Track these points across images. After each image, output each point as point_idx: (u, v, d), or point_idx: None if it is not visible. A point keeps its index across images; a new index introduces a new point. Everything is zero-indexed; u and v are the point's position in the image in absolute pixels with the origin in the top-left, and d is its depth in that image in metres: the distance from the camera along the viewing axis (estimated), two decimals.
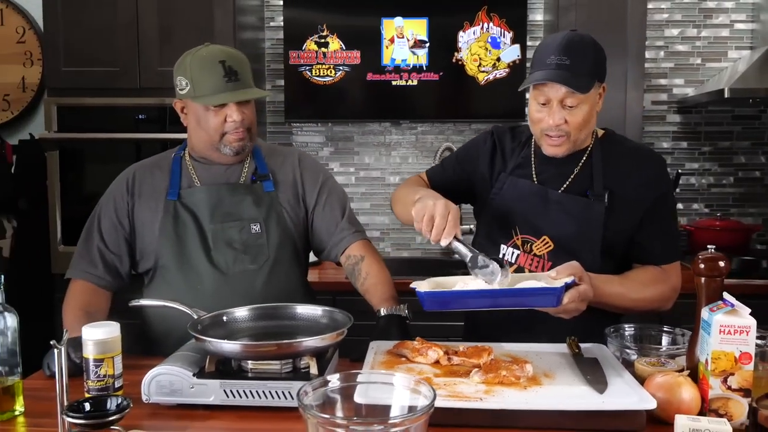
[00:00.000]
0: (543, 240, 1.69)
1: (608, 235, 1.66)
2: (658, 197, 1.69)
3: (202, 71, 1.68)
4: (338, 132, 3.45)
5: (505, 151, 1.81)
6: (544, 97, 1.60)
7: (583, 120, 1.61)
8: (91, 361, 1.32)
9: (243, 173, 1.81)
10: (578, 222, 1.66)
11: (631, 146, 1.77)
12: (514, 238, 1.72)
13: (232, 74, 1.68)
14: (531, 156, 1.76)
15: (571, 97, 1.57)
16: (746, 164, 3.39)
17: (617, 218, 1.66)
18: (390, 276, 1.79)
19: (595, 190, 1.67)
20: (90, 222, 1.81)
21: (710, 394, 1.24)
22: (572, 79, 1.55)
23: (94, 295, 1.74)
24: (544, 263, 1.68)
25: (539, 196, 1.71)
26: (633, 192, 1.67)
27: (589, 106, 1.61)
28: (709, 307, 1.28)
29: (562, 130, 1.61)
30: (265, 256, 1.75)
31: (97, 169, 2.92)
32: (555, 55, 1.57)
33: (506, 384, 1.31)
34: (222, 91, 1.67)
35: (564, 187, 1.70)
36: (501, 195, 1.76)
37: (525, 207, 1.72)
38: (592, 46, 1.61)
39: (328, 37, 3.29)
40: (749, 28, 3.31)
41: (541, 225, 1.70)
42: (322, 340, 1.34)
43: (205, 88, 1.68)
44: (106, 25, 2.84)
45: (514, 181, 1.75)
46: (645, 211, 1.68)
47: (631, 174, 1.68)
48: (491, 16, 3.27)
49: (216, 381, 1.32)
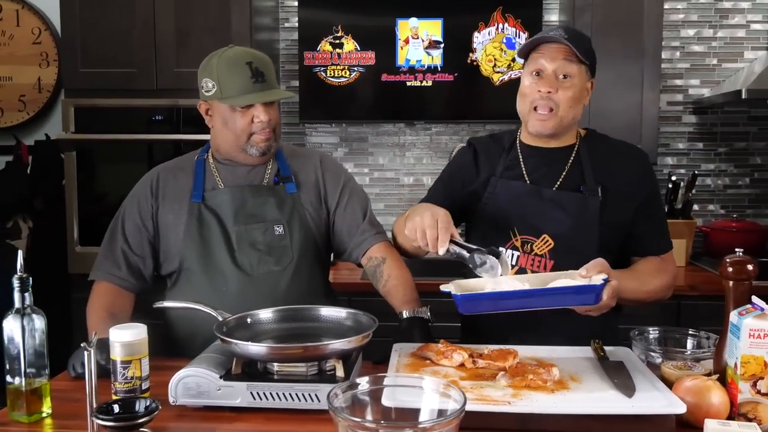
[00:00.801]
0: (543, 239, 1.69)
1: (604, 230, 1.68)
2: (650, 192, 1.74)
3: (229, 72, 1.69)
4: (352, 133, 3.45)
5: (490, 155, 1.82)
6: (539, 66, 1.64)
7: (572, 96, 1.65)
8: (118, 363, 1.32)
9: (266, 175, 1.81)
10: (576, 218, 1.68)
11: (615, 143, 1.80)
12: (512, 240, 1.72)
13: (258, 75, 1.69)
14: (519, 157, 1.78)
15: (566, 68, 1.63)
16: (762, 165, 3.37)
17: (611, 212, 1.68)
18: (412, 278, 1.79)
19: (587, 185, 1.69)
20: (114, 223, 1.82)
21: (739, 398, 1.24)
22: (570, 41, 1.62)
23: (118, 297, 1.75)
24: (546, 262, 1.68)
25: (534, 196, 1.72)
26: (624, 187, 1.70)
27: (579, 85, 1.66)
28: (738, 310, 1.28)
29: (552, 100, 1.64)
30: (288, 258, 1.76)
31: (113, 169, 2.93)
32: (554, 32, 1.65)
33: (533, 388, 1.30)
34: (249, 92, 1.68)
35: (557, 185, 1.72)
36: (494, 198, 1.76)
37: (521, 207, 1.72)
38: (588, 39, 1.69)
39: (343, 38, 3.28)
40: (765, 29, 3.29)
41: (539, 224, 1.70)
42: (349, 343, 1.34)
43: (233, 89, 1.68)
44: (123, 26, 2.85)
45: (505, 183, 1.76)
46: (638, 206, 1.71)
47: (620, 169, 1.72)
48: (506, 16, 3.26)
49: (243, 383, 1.32)
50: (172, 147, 2.87)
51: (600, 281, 1.41)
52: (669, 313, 2.73)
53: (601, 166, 1.72)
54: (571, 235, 1.67)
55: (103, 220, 2.90)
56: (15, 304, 1.30)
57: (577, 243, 1.66)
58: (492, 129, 3.37)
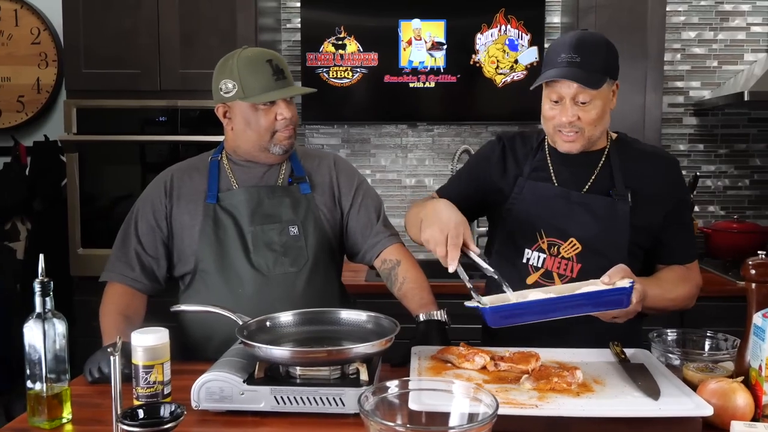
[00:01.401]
0: (570, 242, 1.69)
1: (632, 235, 1.67)
2: (680, 199, 1.73)
3: (250, 71, 1.69)
4: (354, 134, 3.44)
5: (518, 155, 1.80)
6: (557, 94, 1.61)
7: (596, 116, 1.62)
8: (140, 368, 1.31)
9: (280, 176, 1.81)
10: (604, 222, 1.67)
11: (645, 148, 1.79)
12: (539, 242, 1.72)
13: (279, 72, 1.70)
14: (547, 159, 1.77)
15: (583, 93, 1.59)
16: (762, 167, 3.40)
17: (640, 217, 1.68)
18: (427, 280, 1.79)
19: (617, 190, 1.68)
20: (126, 224, 1.80)
21: (764, 400, 1.24)
22: (583, 76, 1.57)
23: (131, 299, 1.74)
24: (573, 265, 1.68)
25: (563, 198, 1.71)
26: (654, 193, 1.69)
27: (601, 102, 1.62)
28: (762, 312, 1.28)
29: (576, 126, 1.63)
30: (304, 258, 1.75)
31: (116, 171, 2.91)
32: (566, 53, 1.59)
33: (558, 391, 1.30)
34: (272, 89, 1.69)
35: (586, 189, 1.71)
36: (521, 199, 1.75)
37: (549, 210, 1.72)
38: (603, 44, 1.63)
39: (346, 39, 3.28)
40: (765, 31, 3.32)
41: (567, 227, 1.70)
42: (373, 347, 1.33)
43: (256, 87, 1.68)
44: (127, 27, 2.83)
45: (533, 185, 1.75)
46: (668, 213, 1.70)
47: (650, 175, 1.71)
48: (509, 18, 3.27)
49: (266, 387, 1.31)
50: (176, 149, 2.86)
51: (627, 283, 1.41)
52: (673, 315, 2.74)
53: (631, 170, 1.70)
54: (599, 239, 1.66)
55: (106, 222, 2.92)
56: (36, 309, 1.29)
57: (605, 247, 1.65)
58: (494, 131, 3.38)
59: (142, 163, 2.90)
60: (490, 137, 3.38)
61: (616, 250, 1.64)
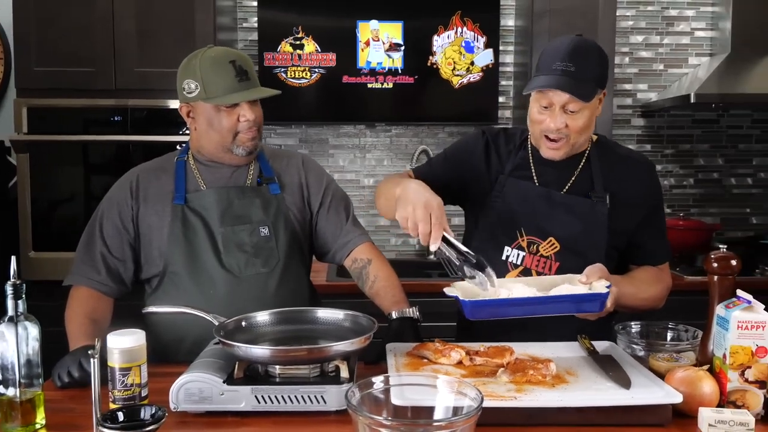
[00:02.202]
0: (549, 241, 1.73)
1: (610, 236, 1.71)
2: (656, 202, 1.78)
3: (213, 72, 1.67)
4: (312, 134, 3.44)
5: (500, 152, 1.82)
6: (547, 101, 1.63)
7: (583, 125, 1.65)
8: (117, 370, 1.28)
9: (248, 176, 1.80)
10: (584, 223, 1.71)
11: (623, 152, 1.82)
12: (518, 240, 1.75)
13: (243, 74, 1.68)
14: (529, 158, 1.79)
15: (574, 102, 1.60)
16: (705, 166, 3.54)
17: (617, 220, 1.72)
18: (398, 279, 1.81)
19: (596, 192, 1.72)
20: (91, 227, 1.76)
21: (729, 386, 1.30)
22: (576, 87, 1.59)
23: (98, 302, 1.70)
24: (552, 263, 1.72)
25: (543, 198, 1.74)
26: (631, 196, 1.73)
27: (590, 111, 1.64)
28: (724, 303, 1.35)
29: (563, 133, 1.65)
30: (275, 259, 1.75)
31: (69, 172, 2.82)
32: (561, 61, 1.60)
33: (534, 383, 1.34)
34: (235, 91, 1.67)
35: (566, 189, 1.75)
36: (503, 197, 1.77)
37: (529, 208, 1.75)
38: (597, 54, 1.65)
39: (304, 39, 3.27)
40: (708, 36, 3.46)
41: (546, 226, 1.73)
42: (353, 344, 1.34)
43: (218, 88, 1.66)
44: (81, 23, 2.75)
45: (514, 183, 1.77)
46: (644, 216, 1.74)
47: (627, 179, 1.74)
48: (465, 20, 3.32)
49: (247, 387, 1.31)
50: (132, 149, 2.80)
51: (604, 289, 1.45)
52: None
53: (610, 173, 1.74)
54: (577, 239, 1.70)
55: (58, 225, 2.84)
56: (8, 312, 1.25)
57: (583, 247, 1.69)
58: (451, 131, 3.43)
59: (97, 163, 2.83)
60: (447, 138, 3.44)
61: (594, 250, 1.68)
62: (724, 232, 3.53)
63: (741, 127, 3.52)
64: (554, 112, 1.63)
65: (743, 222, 3.57)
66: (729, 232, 3.54)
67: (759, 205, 3.56)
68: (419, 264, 3.31)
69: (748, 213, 3.56)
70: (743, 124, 3.52)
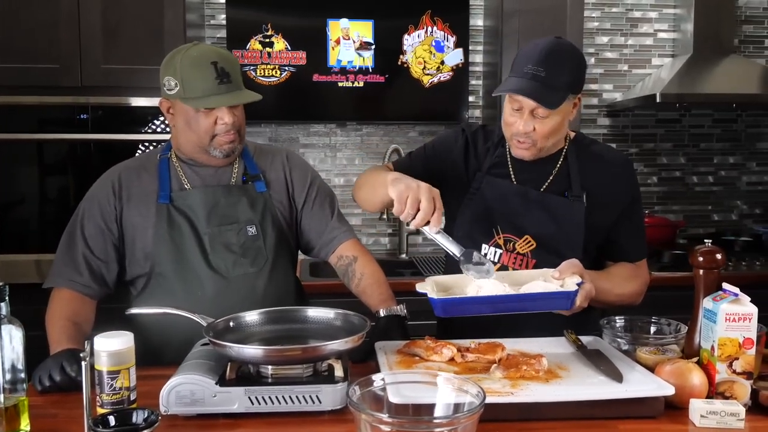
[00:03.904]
0: (525, 239, 1.74)
1: (587, 234, 1.73)
2: (632, 199, 1.78)
3: (192, 72, 1.63)
4: (282, 133, 3.40)
5: (478, 149, 1.82)
6: (518, 104, 1.62)
7: (550, 130, 1.64)
8: (105, 374, 1.24)
9: (233, 174, 1.77)
10: (560, 221, 1.72)
11: (600, 149, 1.83)
12: (495, 238, 1.76)
13: (224, 76, 1.64)
14: (507, 156, 1.80)
15: (542, 108, 1.59)
16: (668, 164, 3.63)
17: (594, 217, 1.73)
18: (384, 276, 1.80)
19: (573, 191, 1.73)
20: (72, 227, 1.71)
21: (717, 378, 1.33)
22: (543, 93, 1.57)
23: (80, 305, 1.65)
24: (528, 261, 1.73)
25: (520, 196, 1.75)
26: (608, 193, 1.74)
27: (560, 117, 1.63)
28: (711, 297, 1.37)
29: (530, 137, 1.65)
30: (264, 258, 1.72)
31: (33, 171, 2.73)
32: (533, 65, 1.58)
33: (528, 378, 1.35)
34: (214, 94, 1.63)
35: (544, 188, 1.75)
36: (480, 194, 1.78)
37: (506, 206, 1.75)
38: (572, 58, 1.62)
39: (273, 37, 3.24)
40: (671, 37, 3.54)
41: (523, 224, 1.74)
42: (346, 343, 1.33)
43: (196, 89, 1.62)
44: (45, 18, 2.66)
45: (492, 180, 1.78)
46: (621, 212, 1.75)
47: (605, 176, 1.75)
48: (435, 20, 3.33)
49: (240, 388, 1.28)
50: (106, 147, 2.73)
51: (574, 286, 1.46)
52: None
53: (587, 170, 1.74)
54: (554, 237, 1.71)
55: (21, 226, 2.75)
56: None
57: (560, 245, 1.70)
58: (422, 130, 3.44)
59: (62, 163, 2.75)
60: (418, 137, 3.45)
61: (570, 248, 1.69)
62: (687, 228, 3.61)
63: (702, 126, 3.61)
64: (524, 116, 1.62)
65: (705, 219, 3.66)
66: (691, 229, 3.63)
67: (720, 202, 3.66)
68: (391, 263, 3.30)
69: (710, 210, 3.66)
70: (704, 124, 3.61)
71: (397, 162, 1.89)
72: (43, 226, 2.76)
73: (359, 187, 1.80)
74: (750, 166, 3.66)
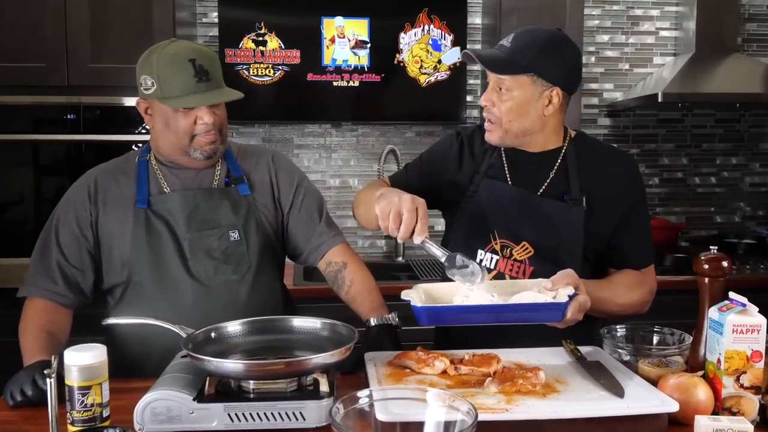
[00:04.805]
0: (523, 245, 1.66)
1: (587, 240, 1.65)
2: (635, 202, 1.69)
3: (170, 70, 1.56)
4: (276, 134, 3.33)
5: (475, 151, 1.75)
6: (492, 82, 1.61)
7: (509, 108, 1.58)
8: (75, 389, 1.17)
9: (216, 177, 1.69)
10: (559, 226, 1.64)
11: (604, 149, 1.75)
12: (492, 243, 1.68)
13: (203, 74, 1.57)
14: (503, 158, 1.73)
15: (502, 81, 1.57)
16: (670, 165, 3.56)
17: (595, 222, 1.65)
18: (375, 282, 1.73)
19: (572, 194, 1.65)
20: (46, 234, 1.64)
21: (724, 393, 1.26)
22: (494, 59, 1.57)
23: (55, 314, 1.58)
24: (525, 268, 1.66)
25: (517, 200, 1.67)
26: (610, 195, 1.66)
27: (520, 95, 1.57)
28: (717, 306, 1.30)
29: (491, 113, 1.62)
30: (246, 265, 1.65)
31: (17, 173, 2.67)
32: (506, 40, 1.59)
33: (524, 393, 1.27)
34: (192, 92, 1.56)
35: (541, 191, 1.68)
36: (476, 198, 1.71)
37: (503, 211, 1.68)
38: (545, 43, 1.56)
39: (267, 35, 3.17)
40: (673, 36, 3.47)
41: (520, 230, 1.66)
42: (332, 356, 1.25)
43: (174, 88, 1.55)
44: (31, 17, 2.60)
45: (489, 183, 1.71)
46: (622, 216, 1.67)
47: (607, 177, 1.67)
48: (432, 18, 3.26)
49: (219, 404, 1.21)
50: (86, 148, 2.66)
51: (566, 297, 1.38)
52: None
53: (588, 171, 1.66)
54: (551, 243, 1.63)
55: (5, 229, 2.68)
56: None
57: (558, 252, 1.62)
58: (419, 131, 3.37)
59: (48, 163, 2.69)
60: (415, 137, 3.38)
61: (569, 254, 1.62)
62: (689, 230, 3.54)
63: (705, 126, 3.54)
64: (488, 91, 1.62)
65: (707, 221, 3.59)
66: (694, 231, 3.56)
67: (722, 204, 3.59)
68: (387, 266, 3.23)
69: (713, 212, 3.59)
70: (707, 124, 3.54)
71: (394, 176, 1.85)
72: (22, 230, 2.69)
73: (357, 205, 1.77)
74: (753, 167, 3.59)
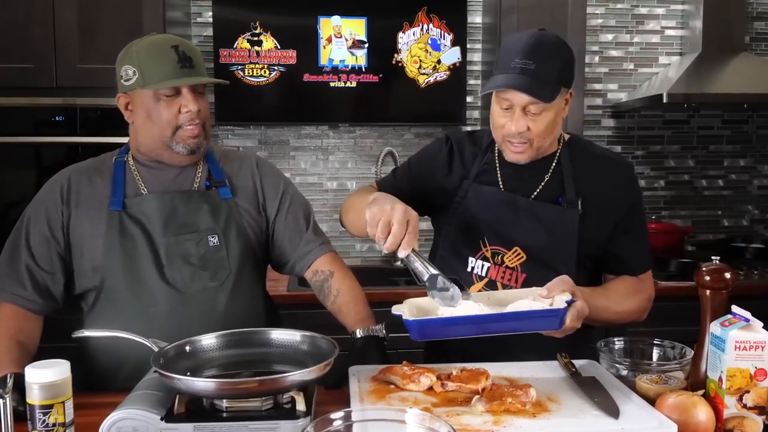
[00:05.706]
0: (514, 251, 1.60)
1: (581, 245, 1.59)
2: (631, 206, 1.63)
3: (152, 56, 1.51)
4: (272, 135, 3.27)
5: (465, 156, 1.69)
6: (507, 102, 1.50)
7: (546, 128, 1.52)
8: (37, 408, 1.10)
9: (196, 179, 1.63)
10: (552, 231, 1.58)
11: (599, 152, 1.70)
12: (482, 250, 1.62)
13: (186, 60, 1.51)
14: (495, 162, 1.66)
15: (535, 104, 1.48)
16: (676, 167, 3.47)
17: (590, 226, 1.59)
18: (363, 292, 1.66)
19: (567, 197, 1.59)
20: (15, 235, 1.57)
21: (725, 413, 1.19)
22: (536, 87, 1.46)
23: (24, 321, 1.52)
24: (518, 275, 1.59)
25: (508, 204, 1.61)
26: (605, 200, 1.60)
27: (553, 113, 1.52)
28: (719, 321, 1.23)
29: (525, 137, 1.53)
30: (226, 271, 1.58)
31: (7, 176, 2.61)
32: (520, 58, 1.47)
33: (513, 412, 1.20)
34: (176, 77, 1.50)
35: (535, 195, 1.61)
36: (465, 204, 1.65)
37: (493, 216, 1.62)
38: (559, 50, 1.52)
39: (262, 35, 3.11)
40: (679, 35, 3.39)
41: (511, 235, 1.60)
42: (310, 373, 1.19)
43: (157, 74, 1.50)
44: (18, 16, 2.54)
45: (478, 188, 1.64)
46: (618, 221, 1.61)
47: (602, 181, 1.62)
48: (431, 17, 3.19)
49: (189, 425, 1.15)
50: (74, 151, 2.60)
51: (563, 304, 1.31)
52: None
53: (583, 176, 1.61)
54: (545, 249, 1.57)
55: None
56: None
57: (551, 257, 1.56)
58: (418, 132, 3.30)
59: (37, 167, 2.63)
60: (413, 139, 3.31)
61: (563, 260, 1.56)
62: (695, 234, 3.46)
63: (712, 128, 3.46)
64: (515, 115, 1.50)
65: (714, 225, 3.50)
66: (700, 235, 3.47)
67: (730, 207, 3.50)
68: (385, 271, 3.16)
69: (720, 215, 3.50)
70: (714, 125, 3.46)
71: (382, 180, 1.79)
72: None
73: (346, 212, 1.71)
74: (761, 169, 3.50)
